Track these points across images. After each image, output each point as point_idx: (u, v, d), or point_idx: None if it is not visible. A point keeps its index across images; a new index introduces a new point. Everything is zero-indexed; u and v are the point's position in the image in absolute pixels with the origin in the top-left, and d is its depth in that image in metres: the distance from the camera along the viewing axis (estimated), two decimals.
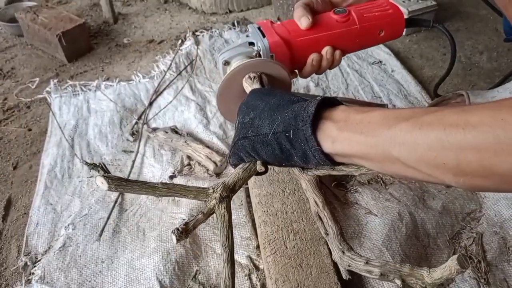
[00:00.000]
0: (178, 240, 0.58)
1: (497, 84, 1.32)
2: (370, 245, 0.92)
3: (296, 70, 0.86)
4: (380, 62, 1.51)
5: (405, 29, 1.52)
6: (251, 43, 0.80)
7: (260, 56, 0.79)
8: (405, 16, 0.89)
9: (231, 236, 0.60)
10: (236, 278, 0.90)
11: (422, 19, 0.92)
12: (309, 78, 1.43)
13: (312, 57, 0.81)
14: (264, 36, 0.79)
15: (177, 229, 0.58)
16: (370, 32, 0.84)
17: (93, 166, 0.61)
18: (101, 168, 0.60)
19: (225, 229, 0.60)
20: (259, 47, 0.79)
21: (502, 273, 0.88)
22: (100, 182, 0.59)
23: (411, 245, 0.92)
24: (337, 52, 0.82)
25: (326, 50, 0.81)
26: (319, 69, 0.84)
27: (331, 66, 0.85)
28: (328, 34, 0.81)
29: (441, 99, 1.18)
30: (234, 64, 0.79)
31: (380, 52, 1.55)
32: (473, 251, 0.91)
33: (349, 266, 0.76)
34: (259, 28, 0.81)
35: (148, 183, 0.63)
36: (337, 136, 0.54)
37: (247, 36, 0.81)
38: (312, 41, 0.80)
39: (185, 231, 0.59)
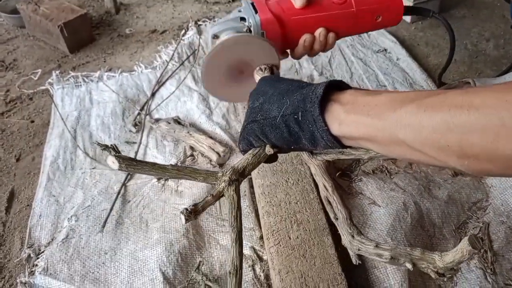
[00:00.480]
0: (186, 220, 0.59)
1: (504, 71, 1.30)
2: (374, 235, 0.91)
3: (288, 51, 0.85)
4: (385, 50, 1.49)
5: (409, 17, 1.50)
6: (243, 18, 0.78)
7: (250, 32, 0.78)
8: (408, 3, 0.88)
9: (239, 217, 0.61)
10: None
11: (422, 8, 0.90)
12: (313, 67, 1.41)
13: (305, 38, 0.80)
14: (256, 12, 0.77)
15: (186, 209, 0.59)
16: (367, 16, 0.82)
17: (105, 147, 0.61)
18: (113, 149, 0.60)
19: (233, 210, 0.60)
20: (250, 23, 0.77)
21: (508, 263, 0.87)
22: (111, 162, 0.60)
23: (416, 235, 0.91)
24: (331, 35, 0.81)
25: (319, 32, 0.80)
26: (311, 51, 0.82)
27: (324, 49, 0.83)
28: (323, 15, 0.79)
29: (447, 87, 1.16)
30: (223, 38, 0.77)
31: (385, 40, 1.53)
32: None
33: (358, 250, 0.75)
34: (252, 4, 0.79)
35: (158, 164, 0.63)
36: (344, 119, 0.53)
37: (239, 11, 0.79)
38: (306, 21, 0.79)
39: (194, 212, 0.59)
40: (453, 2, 1.72)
